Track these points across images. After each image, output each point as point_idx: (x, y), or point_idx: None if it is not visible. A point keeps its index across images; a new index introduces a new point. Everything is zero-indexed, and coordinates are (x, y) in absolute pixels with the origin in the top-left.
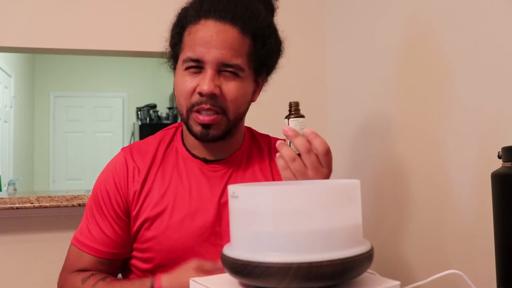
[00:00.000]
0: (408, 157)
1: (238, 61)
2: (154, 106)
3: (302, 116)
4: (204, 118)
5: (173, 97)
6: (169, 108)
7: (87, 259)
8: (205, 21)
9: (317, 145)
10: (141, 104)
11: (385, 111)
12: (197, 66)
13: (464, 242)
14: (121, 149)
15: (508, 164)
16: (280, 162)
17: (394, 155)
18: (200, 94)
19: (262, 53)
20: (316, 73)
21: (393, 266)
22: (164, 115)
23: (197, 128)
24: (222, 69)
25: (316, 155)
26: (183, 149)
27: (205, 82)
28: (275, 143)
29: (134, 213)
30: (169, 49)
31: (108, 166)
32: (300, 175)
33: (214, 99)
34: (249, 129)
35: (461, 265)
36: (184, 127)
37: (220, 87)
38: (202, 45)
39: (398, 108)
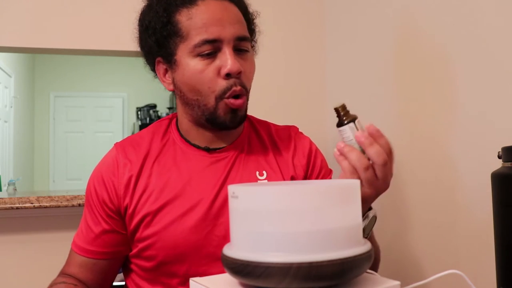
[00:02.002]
0: (408, 157)
1: (247, 33)
2: (154, 106)
3: (356, 117)
4: (237, 101)
5: (173, 97)
6: (169, 108)
7: (75, 261)
8: (203, 1)
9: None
10: (141, 104)
11: (386, 112)
12: (213, 48)
13: (464, 242)
14: (114, 144)
15: (508, 164)
16: (345, 165)
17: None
18: (228, 75)
19: (250, 25)
20: (316, 73)
21: (393, 266)
22: (164, 115)
23: (227, 115)
24: (236, 45)
25: (389, 166)
26: (182, 140)
27: (229, 61)
28: (275, 130)
29: (130, 210)
30: (155, 44)
31: (99, 163)
32: (369, 185)
33: (239, 78)
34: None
35: (461, 265)
36: (182, 118)
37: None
38: (215, 24)
39: (398, 108)
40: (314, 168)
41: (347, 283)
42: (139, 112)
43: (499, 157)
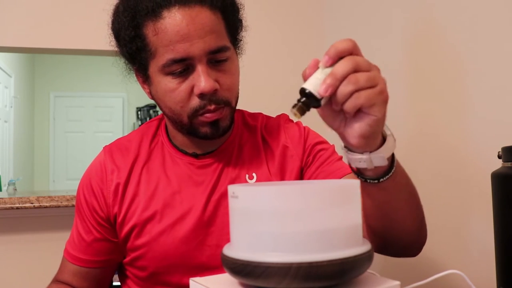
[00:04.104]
0: (408, 157)
1: (223, 42)
2: (154, 106)
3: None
4: (213, 115)
5: None
6: None
7: (68, 269)
8: (169, 11)
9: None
10: (141, 104)
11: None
12: (184, 66)
13: (464, 242)
14: (103, 147)
15: (508, 164)
16: (346, 90)
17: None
18: (201, 95)
19: (234, 21)
20: None
21: (393, 266)
22: None
23: (205, 129)
24: (210, 58)
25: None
26: (170, 145)
27: (202, 81)
28: (265, 125)
29: (120, 219)
30: (128, 55)
31: (88, 168)
32: (373, 83)
33: (215, 95)
34: (239, 111)
35: (461, 265)
36: (168, 124)
37: (217, 80)
38: (181, 40)
39: (397, 108)
40: (312, 149)
41: (347, 283)
42: (139, 112)
43: (499, 157)
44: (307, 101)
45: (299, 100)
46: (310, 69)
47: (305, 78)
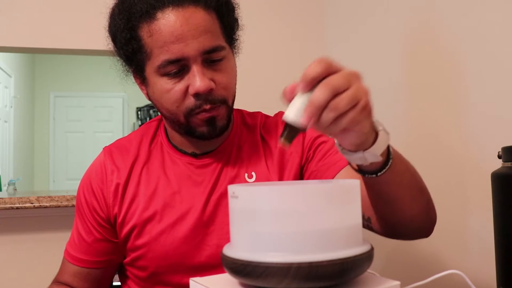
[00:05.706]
0: (407, 157)
1: (217, 41)
2: (154, 106)
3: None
4: (210, 113)
5: None
6: None
7: (68, 270)
8: (162, 12)
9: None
10: (141, 104)
11: (386, 112)
12: (179, 66)
13: (464, 242)
14: (103, 148)
15: (508, 164)
16: (329, 116)
17: None
18: (196, 95)
19: (229, 21)
20: None
21: (393, 266)
22: None
23: (202, 129)
24: (205, 58)
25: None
26: (169, 145)
27: (197, 81)
28: (264, 124)
29: (120, 219)
30: (125, 57)
31: (88, 168)
32: (354, 102)
33: (211, 94)
34: (238, 111)
35: (461, 265)
36: (167, 125)
37: (213, 79)
38: (176, 41)
39: (398, 109)
40: (313, 143)
41: (347, 283)
42: (139, 112)
43: (499, 157)
44: (292, 130)
45: (284, 130)
46: (288, 94)
47: (286, 101)
